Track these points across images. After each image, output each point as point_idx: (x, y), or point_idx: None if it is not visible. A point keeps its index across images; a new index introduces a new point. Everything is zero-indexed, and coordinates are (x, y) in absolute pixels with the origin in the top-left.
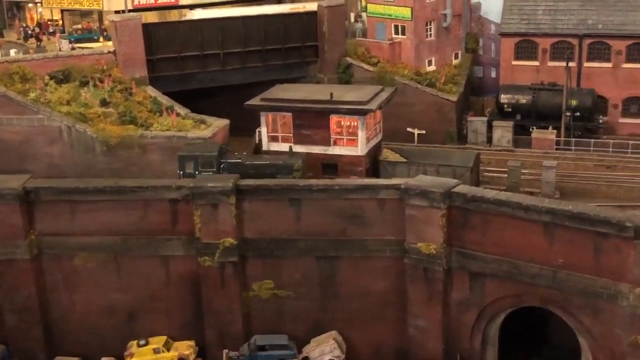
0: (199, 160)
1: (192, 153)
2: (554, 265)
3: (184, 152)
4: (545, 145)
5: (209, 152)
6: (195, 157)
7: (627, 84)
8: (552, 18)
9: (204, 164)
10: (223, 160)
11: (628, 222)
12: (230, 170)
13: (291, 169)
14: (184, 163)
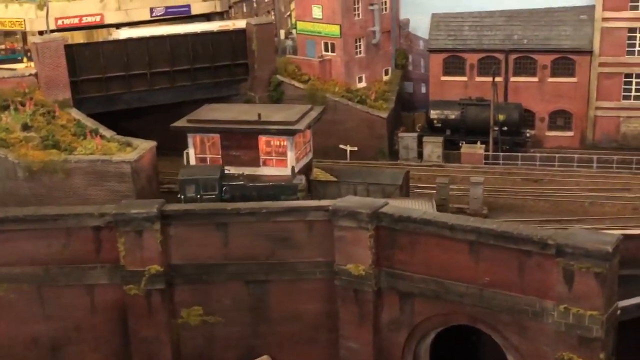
0: (200, 183)
1: (193, 176)
2: (481, 284)
3: (185, 175)
4: (475, 160)
5: (211, 174)
6: (197, 180)
7: (553, 98)
8: (479, 34)
9: (205, 187)
10: (225, 182)
11: (550, 240)
12: (232, 193)
13: (295, 189)
14: (185, 187)
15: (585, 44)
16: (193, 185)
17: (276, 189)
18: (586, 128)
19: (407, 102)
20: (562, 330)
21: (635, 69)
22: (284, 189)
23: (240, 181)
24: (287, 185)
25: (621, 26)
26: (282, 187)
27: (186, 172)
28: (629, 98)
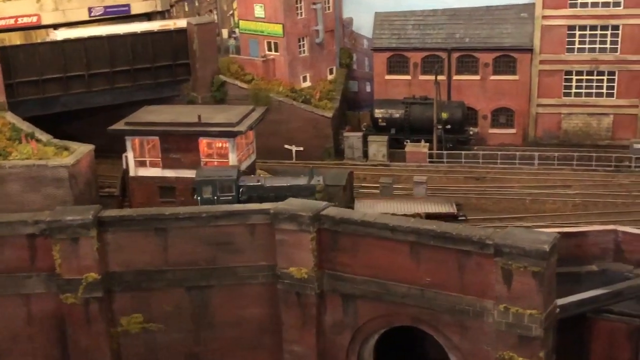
0: (217, 185)
1: (210, 177)
2: (422, 285)
3: (201, 176)
4: (419, 158)
5: (227, 175)
6: (214, 181)
7: (495, 96)
8: (422, 32)
9: (222, 188)
10: (241, 183)
11: (488, 240)
12: (249, 194)
13: (313, 190)
14: (201, 188)
15: (526, 42)
16: (210, 186)
17: (294, 190)
18: (528, 125)
19: (352, 101)
20: (502, 329)
21: (575, 66)
22: (302, 189)
23: (258, 182)
24: (305, 186)
25: (561, 24)
26: (299, 188)
27: (202, 173)
28: (569, 95)
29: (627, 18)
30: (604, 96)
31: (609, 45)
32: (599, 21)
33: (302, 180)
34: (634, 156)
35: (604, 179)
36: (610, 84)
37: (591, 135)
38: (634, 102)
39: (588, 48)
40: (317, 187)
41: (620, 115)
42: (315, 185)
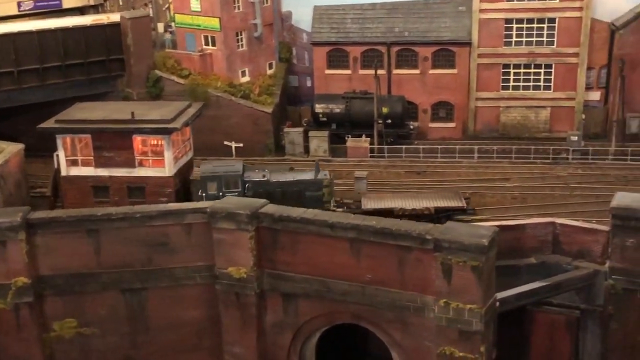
0: (222, 180)
1: (215, 173)
2: (363, 281)
3: (206, 171)
4: (360, 153)
5: (233, 170)
6: (219, 176)
7: (434, 90)
8: (361, 26)
9: (228, 184)
10: (247, 178)
11: (428, 235)
12: (255, 190)
13: (320, 185)
14: (206, 184)
15: (464, 36)
16: (215, 182)
17: (300, 185)
18: (467, 119)
19: (292, 96)
20: (443, 324)
21: (513, 60)
22: (309, 184)
23: (264, 177)
24: (312, 181)
25: (498, 17)
26: (306, 183)
27: (207, 168)
28: (507, 88)
29: (563, 11)
30: (541, 89)
31: (545, 38)
32: (535, 14)
33: (309, 174)
34: (571, 148)
35: (542, 172)
36: (547, 77)
37: (529, 128)
38: (571, 94)
39: (525, 41)
40: (324, 181)
41: (558, 108)
42: (322, 180)
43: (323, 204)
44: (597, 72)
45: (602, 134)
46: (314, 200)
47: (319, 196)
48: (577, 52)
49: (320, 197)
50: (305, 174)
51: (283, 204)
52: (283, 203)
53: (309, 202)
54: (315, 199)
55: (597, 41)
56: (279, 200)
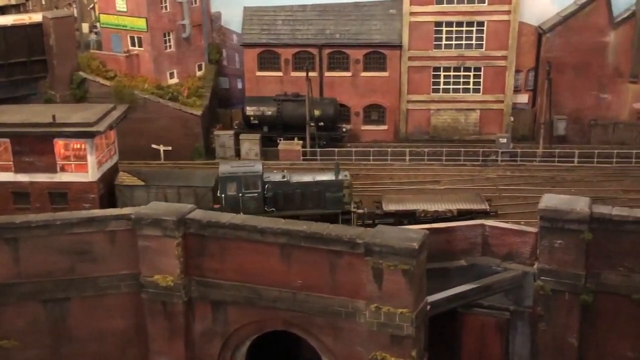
0: (242, 181)
1: (235, 173)
2: (294, 287)
3: (225, 172)
4: (292, 156)
5: (253, 171)
6: (238, 177)
7: (366, 92)
8: (292, 28)
9: (247, 185)
10: (266, 179)
11: (359, 239)
12: (275, 190)
13: (340, 186)
14: (225, 184)
15: (395, 38)
16: (234, 183)
17: (321, 186)
18: (399, 121)
19: (223, 98)
20: (375, 329)
21: (443, 63)
22: (329, 185)
23: (283, 178)
24: (332, 182)
25: (428, 20)
26: (327, 184)
27: (226, 169)
28: (438, 91)
29: (491, 14)
30: (470, 92)
31: (474, 41)
32: (464, 18)
33: (329, 175)
34: (499, 150)
35: (472, 174)
36: (477, 80)
37: (459, 130)
38: (500, 97)
39: (455, 44)
40: (345, 182)
41: (487, 111)
42: (342, 181)
43: (343, 205)
44: (525, 75)
45: (530, 136)
46: (334, 201)
47: (340, 197)
48: (506, 55)
49: (341, 198)
50: (325, 175)
51: (303, 205)
52: (303, 204)
53: (329, 203)
54: (335, 200)
55: (525, 44)
56: (299, 201)
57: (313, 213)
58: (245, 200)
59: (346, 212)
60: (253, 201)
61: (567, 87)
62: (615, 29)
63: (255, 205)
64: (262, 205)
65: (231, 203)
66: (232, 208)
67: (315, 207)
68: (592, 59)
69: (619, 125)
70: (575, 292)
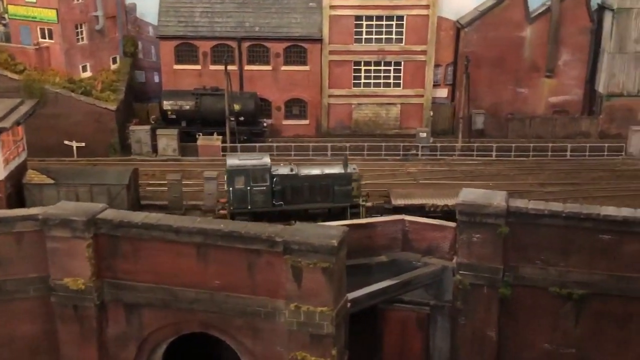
0: (250, 174)
1: (243, 166)
2: (211, 288)
3: (233, 165)
4: (212, 152)
5: (262, 164)
6: (247, 170)
7: (287, 86)
8: (210, 20)
9: (255, 178)
10: (274, 172)
11: (277, 237)
12: (283, 184)
13: (349, 179)
14: (233, 178)
15: (315, 32)
16: (242, 176)
17: (329, 179)
18: (321, 116)
19: (139, 92)
20: (294, 329)
21: (364, 57)
22: (338, 179)
23: (291, 171)
24: (341, 175)
25: (348, 14)
26: (335, 177)
27: (234, 162)
28: (359, 85)
29: (411, 9)
30: (391, 86)
31: (394, 35)
32: (384, 12)
33: (337, 168)
34: (420, 145)
35: (393, 168)
36: (397, 75)
37: (381, 125)
38: (420, 92)
39: (375, 39)
40: (354, 175)
41: (407, 105)
42: (351, 174)
43: (352, 198)
44: (444, 69)
45: (450, 130)
46: (343, 194)
47: (348, 190)
48: (425, 50)
49: (350, 191)
50: (333, 168)
51: (311, 199)
52: (311, 198)
53: (338, 196)
54: (344, 193)
55: (444, 39)
56: (307, 195)
57: (321, 206)
58: (253, 193)
59: (355, 205)
60: (261, 195)
61: (485, 82)
62: (531, 24)
63: (263, 199)
64: (270, 199)
65: (239, 197)
66: (240, 202)
67: (324, 200)
68: (509, 54)
69: (536, 119)
70: (493, 286)
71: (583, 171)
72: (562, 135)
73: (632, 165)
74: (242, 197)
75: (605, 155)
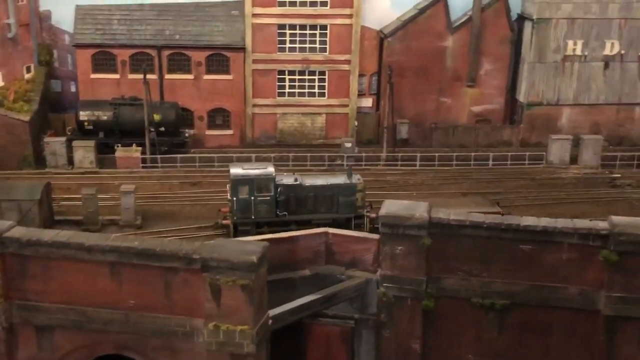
0: (254, 184)
1: (247, 176)
2: (126, 308)
3: (237, 174)
4: (131, 163)
5: (266, 174)
6: (251, 180)
7: (210, 96)
8: (129, 28)
9: (260, 188)
10: (278, 182)
11: (195, 254)
12: (287, 194)
13: (354, 189)
14: (237, 187)
15: (238, 41)
16: (247, 185)
17: (334, 190)
18: (245, 126)
19: (55, 102)
20: (213, 349)
21: (288, 66)
22: (342, 189)
23: (296, 181)
24: (345, 185)
25: (271, 22)
26: (340, 188)
27: (238, 171)
28: (283, 95)
29: (334, 18)
30: (316, 96)
31: (318, 45)
32: (307, 21)
33: (342, 178)
34: (345, 155)
35: None
36: (322, 84)
37: (306, 134)
38: (344, 101)
39: (299, 47)
40: (358, 185)
41: (332, 115)
42: (356, 184)
43: (357, 209)
44: (369, 79)
45: (375, 140)
46: (348, 205)
47: (353, 201)
48: (349, 59)
49: (354, 202)
50: (338, 178)
51: (315, 209)
52: (315, 208)
53: (342, 207)
54: (348, 204)
55: (368, 48)
56: (311, 205)
57: (325, 217)
58: (257, 203)
59: (359, 216)
60: (265, 205)
61: (409, 91)
62: (453, 34)
63: (267, 209)
64: (274, 209)
65: (242, 206)
66: (244, 212)
67: (328, 211)
68: (431, 63)
69: (459, 129)
70: (416, 298)
71: (505, 180)
72: (484, 144)
73: (552, 174)
74: (246, 207)
75: (526, 163)
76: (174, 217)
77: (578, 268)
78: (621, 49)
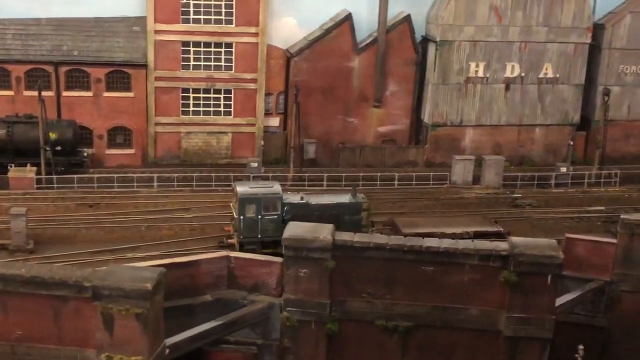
0: (262, 203)
1: (255, 195)
2: (13, 339)
3: (244, 193)
4: (25, 184)
5: (273, 192)
6: (258, 199)
7: (110, 114)
8: (24, 43)
9: (267, 207)
10: (285, 201)
11: (86, 282)
12: (293, 213)
13: (359, 208)
14: (244, 206)
15: (139, 57)
16: (254, 204)
17: (339, 208)
18: (147, 145)
19: None
20: None
21: (192, 84)
22: (347, 208)
23: (302, 200)
24: (350, 204)
25: (174, 39)
26: (345, 206)
27: (245, 190)
28: (188, 113)
29: (240, 36)
30: (222, 114)
31: (223, 63)
32: (212, 38)
33: (347, 197)
34: (251, 175)
35: (224, 200)
36: (227, 103)
37: (212, 154)
38: (251, 120)
39: (204, 65)
40: (363, 204)
41: (239, 134)
42: (361, 203)
43: (361, 228)
44: (276, 98)
45: (282, 159)
46: (353, 224)
47: (358, 220)
48: (255, 78)
49: (359, 220)
50: (343, 197)
51: None
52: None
53: (347, 225)
54: (353, 222)
55: (275, 67)
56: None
57: None
58: (264, 222)
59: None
60: (272, 224)
61: (316, 111)
62: (359, 54)
63: (274, 228)
64: (280, 227)
65: (249, 225)
66: (250, 231)
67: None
68: (338, 84)
69: (366, 149)
70: (320, 322)
71: (409, 200)
72: (391, 164)
73: (455, 193)
74: (253, 226)
75: (431, 184)
76: (69, 241)
77: (480, 289)
78: (521, 72)
